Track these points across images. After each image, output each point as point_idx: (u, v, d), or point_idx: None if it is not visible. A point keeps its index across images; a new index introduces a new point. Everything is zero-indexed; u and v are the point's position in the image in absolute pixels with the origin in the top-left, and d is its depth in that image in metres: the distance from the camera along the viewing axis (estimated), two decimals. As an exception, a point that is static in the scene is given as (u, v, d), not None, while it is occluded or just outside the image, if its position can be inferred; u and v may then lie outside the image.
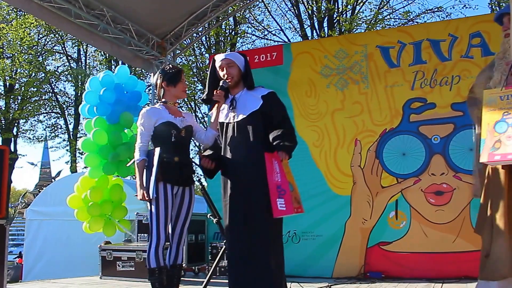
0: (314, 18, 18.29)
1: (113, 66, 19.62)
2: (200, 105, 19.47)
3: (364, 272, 6.24)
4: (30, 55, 19.43)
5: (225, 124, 3.90)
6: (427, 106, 6.31)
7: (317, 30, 18.25)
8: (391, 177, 6.35)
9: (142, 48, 8.53)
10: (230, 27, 19.31)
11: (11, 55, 19.49)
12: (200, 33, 10.03)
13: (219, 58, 3.97)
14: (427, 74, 6.35)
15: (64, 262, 9.52)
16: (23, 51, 18.95)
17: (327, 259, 6.50)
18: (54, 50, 20.50)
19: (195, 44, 18.84)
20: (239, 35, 18.95)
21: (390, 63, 6.55)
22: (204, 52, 19.51)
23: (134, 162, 3.93)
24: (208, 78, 4.10)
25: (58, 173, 24.96)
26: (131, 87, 6.87)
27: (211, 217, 4.71)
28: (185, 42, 9.88)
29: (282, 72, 7.12)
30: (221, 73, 3.93)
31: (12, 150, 21.42)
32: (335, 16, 17.91)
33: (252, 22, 19.51)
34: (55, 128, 21.53)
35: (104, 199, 6.68)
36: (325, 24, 18.11)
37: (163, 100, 3.99)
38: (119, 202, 6.81)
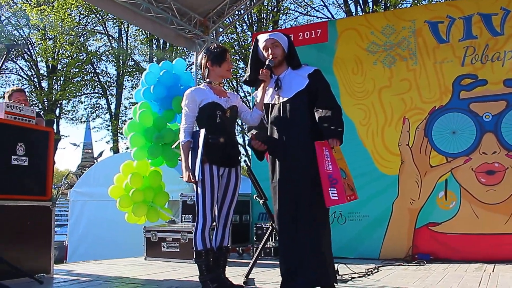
0: (359, -7, 18.12)
1: (154, 45, 19.93)
2: (242, 84, 19.62)
3: (412, 254, 6.28)
4: (72, 36, 19.88)
5: (270, 105, 3.95)
6: (478, 82, 6.27)
7: (362, 5, 18.07)
8: (440, 156, 6.36)
9: (184, 27, 8.71)
10: (273, 3, 19.29)
11: (53, 36, 19.99)
12: (242, 11, 10.11)
13: (262, 38, 4.01)
14: (478, 49, 6.30)
15: (109, 243, 9.79)
16: (64, 32, 19.40)
17: (374, 240, 6.57)
18: (95, 31, 20.92)
19: (237, 22, 18.93)
20: (281, 12, 18.90)
21: (439, 38, 6.52)
22: (246, 30, 19.61)
23: (179, 143, 4.00)
24: (250, 58, 4.14)
25: (100, 154, 25.50)
26: (186, 82, 7.05)
27: (257, 198, 4.79)
28: (227, 20, 9.99)
29: (327, 50, 7.17)
30: (265, 53, 3.97)
31: (55, 131, 22.12)
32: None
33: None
34: (97, 108, 22.06)
35: (145, 185, 6.91)
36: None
37: (207, 80, 4.02)
38: (159, 188, 7.02)
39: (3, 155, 4.44)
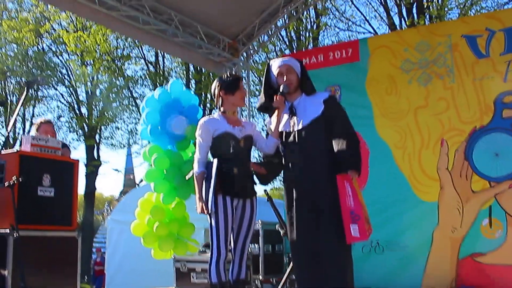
0: (402, 4, 17.74)
1: (191, 66, 20.02)
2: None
3: (456, 286, 5.97)
4: (108, 61, 20.25)
5: (284, 133, 3.91)
6: (523, 100, 5.93)
7: (405, 18, 17.70)
8: (483, 180, 6.02)
9: (213, 50, 8.65)
10: (312, 19, 19.15)
11: (91, 61, 20.40)
12: (273, 31, 9.99)
13: (276, 63, 3.99)
14: (521, 63, 5.97)
15: (146, 272, 9.70)
16: (100, 58, 19.76)
17: (414, 271, 6.26)
18: (131, 56, 21.23)
19: (275, 40, 18.87)
20: (319, 28, 18.73)
21: (478, 53, 6.21)
22: (284, 49, 19.50)
23: (193, 174, 4.00)
24: (263, 84, 4.13)
25: (142, 180, 25.64)
26: (187, 101, 6.92)
27: (278, 228, 4.73)
28: (259, 41, 9.88)
29: (359, 69, 6.96)
30: (279, 80, 3.93)
31: (96, 157, 22.44)
32: (424, 0, 17.26)
33: (334, 13, 19.27)
34: (135, 134, 22.28)
35: (169, 218, 6.78)
36: (414, 11, 17.48)
37: (221, 109, 4.02)
38: (184, 219, 6.89)
39: (30, 186, 4.60)
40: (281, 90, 3.89)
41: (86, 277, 17.63)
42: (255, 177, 4.04)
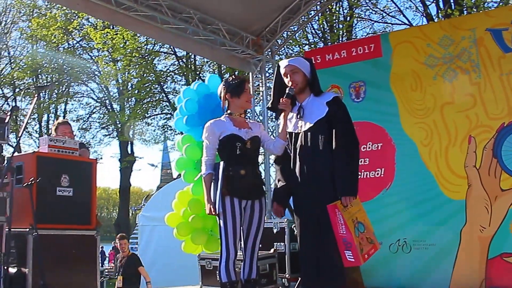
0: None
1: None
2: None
3: (486, 287, 5.85)
4: (138, 57, 20.40)
5: (293, 134, 3.98)
6: (552, 93, 5.75)
7: (443, 7, 17.27)
8: (513, 178, 5.88)
9: (237, 47, 8.61)
10: (345, 11, 18.92)
11: (121, 57, 20.59)
12: (299, 26, 9.87)
13: (283, 64, 4.04)
14: (550, 55, 5.80)
15: (178, 268, 9.83)
16: (128, 54, 19.93)
17: (442, 271, 6.17)
18: (161, 52, 21.33)
19: (307, 34, 18.71)
20: (350, 20, 18.47)
21: (504, 47, 6.05)
22: (317, 42, 19.31)
23: (201, 176, 4.07)
24: (273, 85, 4.21)
25: (180, 174, 25.64)
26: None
27: (294, 227, 4.80)
28: (282, 37, 9.79)
29: (382, 65, 6.87)
30: (285, 80, 3.99)
31: (130, 152, 22.74)
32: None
33: (368, 4, 18.97)
34: (166, 130, 22.46)
35: (204, 213, 6.78)
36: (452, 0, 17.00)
37: (228, 112, 4.10)
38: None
39: (49, 186, 4.77)
40: (287, 92, 3.94)
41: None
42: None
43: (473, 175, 6.12)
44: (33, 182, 4.36)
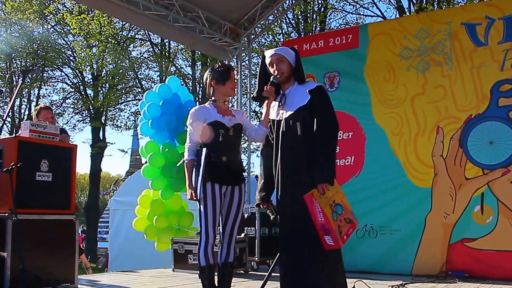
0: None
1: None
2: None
3: (445, 270, 6.08)
4: (113, 43, 20.25)
5: (275, 121, 3.99)
6: (519, 88, 5.98)
7: (413, 1, 17.58)
8: (477, 168, 6.11)
9: (214, 35, 8.69)
10: (319, 2, 19.07)
11: (96, 44, 20.41)
12: (274, 16, 9.97)
13: (268, 53, 4.05)
14: (519, 52, 6.01)
15: (148, 253, 9.82)
16: (103, 40, 19.75)
17: (406, 255, 6.39)
18: (136, 38, 21.22)
19: (281, 23, 18.81)
20: (325, 11, 18.64)
21: (476, 41, 6.27)
22: (291, 31, 19.45)
23: (183, 161, 4.11)
24: (258, 74, 4.20)
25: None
26: (185, 96, 7.08)
27: (269, 213, 4.81)
28: (260, 26, 9.90)
29: (358, 56, 7.03)
30: (271, 70, 4.01)
31: (101, 138, 22.58)
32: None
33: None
34: (138, 115, 22.29)
35: (167, 211, 7.02)
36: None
37: (212, 98, 4.11)
38: (182, 210, 7.04)
39: (28, 171, 4.69)
40: (271, 80, 3.97)
41: (89, 257, 17.81)
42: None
43: (439, 164, 6.33)
44: (13, 167, 4.35)
